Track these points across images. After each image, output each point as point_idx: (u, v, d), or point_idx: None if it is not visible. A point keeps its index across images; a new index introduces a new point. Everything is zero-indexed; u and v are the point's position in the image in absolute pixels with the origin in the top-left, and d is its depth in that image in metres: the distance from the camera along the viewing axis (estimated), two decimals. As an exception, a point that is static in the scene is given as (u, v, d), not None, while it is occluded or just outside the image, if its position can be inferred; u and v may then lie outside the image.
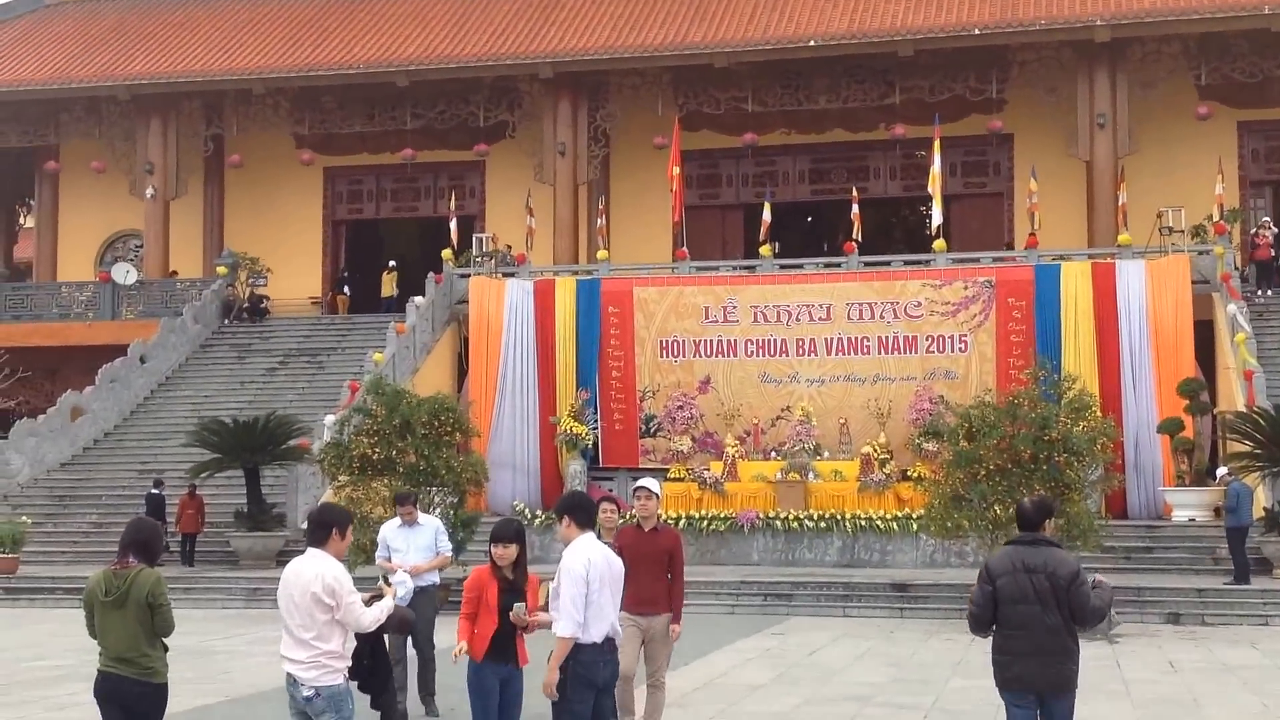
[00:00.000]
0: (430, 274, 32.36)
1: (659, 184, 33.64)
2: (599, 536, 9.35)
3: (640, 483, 9.88)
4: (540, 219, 33.92)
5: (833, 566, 24.09)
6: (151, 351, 33.27)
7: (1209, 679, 14.05)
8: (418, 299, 32.01)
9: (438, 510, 21.31)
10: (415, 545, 11.95)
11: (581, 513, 7.83)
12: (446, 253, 33.01)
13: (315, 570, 6.91)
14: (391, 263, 36.86)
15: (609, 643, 7.61)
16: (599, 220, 33.97)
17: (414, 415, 22.57)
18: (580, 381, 29.22)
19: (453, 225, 33.76)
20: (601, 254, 32.10)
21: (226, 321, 35.85)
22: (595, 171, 35.67)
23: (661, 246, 34.71)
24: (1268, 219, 32.96)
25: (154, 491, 25.82)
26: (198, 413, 29.99)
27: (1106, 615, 8.12)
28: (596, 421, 28.94)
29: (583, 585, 7.46)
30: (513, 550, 7.96)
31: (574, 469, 28.08)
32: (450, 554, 12.43)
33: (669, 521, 19.51)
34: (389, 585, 7.89)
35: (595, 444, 28.85)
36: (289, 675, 6.95)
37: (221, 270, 36.42)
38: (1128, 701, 12.52)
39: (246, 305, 36.06)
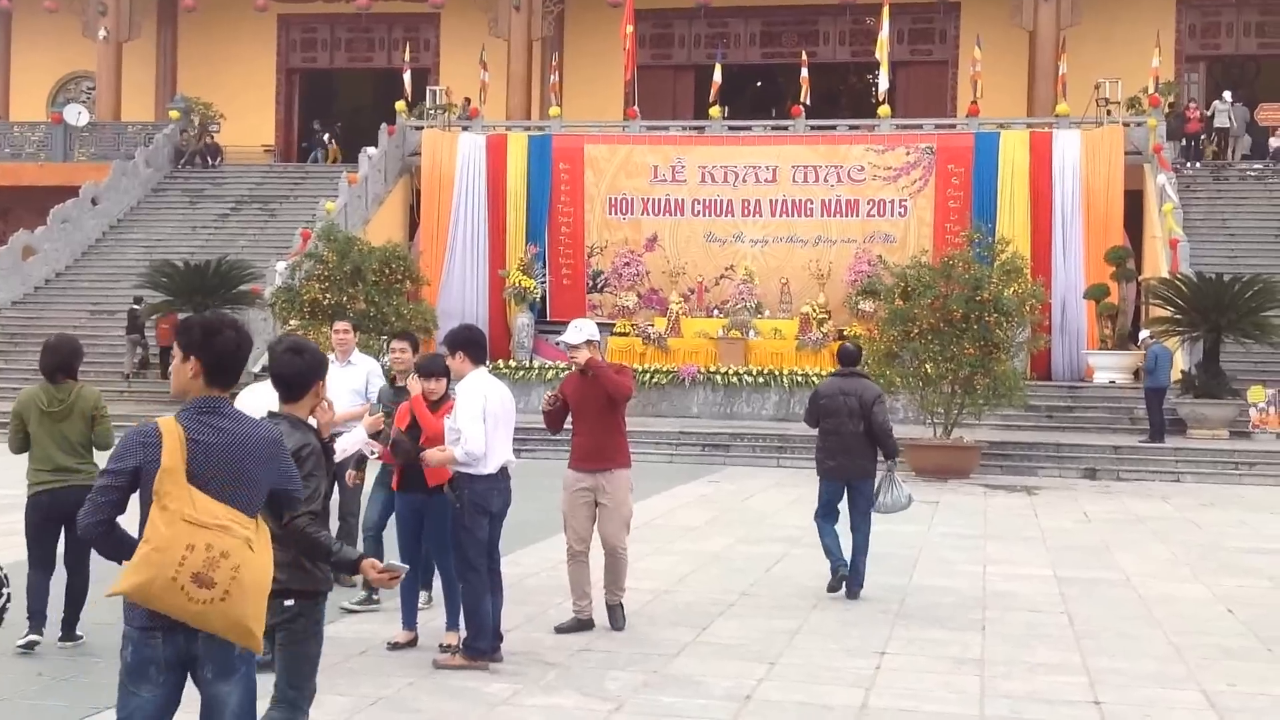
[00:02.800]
0: (383, 125, 32.45)
1: (612, 42, 33.70)
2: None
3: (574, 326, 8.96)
4: (494, 74, 33.95)
5: (769, 420, 24.88)
6: (103, 194, 33.29)
7: (1120, 529, 14.81)
8: (370, 149, 32.13)
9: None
10: (345, 387, 9.79)
11: (474, 348, 7.95)
12: (400, 104, 33.04)
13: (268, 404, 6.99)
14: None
15: (503, 472, 7.95)
16: (552, 77, 34.04)
17: (365, 262, 23.01)
18: (530, 236, 29.69)
19: (406, 77, 33.68)
20: (554, 111, 32.23)
21: (179, 166, 35.81)
22: (550, 28, 35.59)
23: (613, 105, 34.92)
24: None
25: (134, 308, 27.39)
26: (149, 256, 30.17)
27: (895, 446, 10.49)
28: (545, 276, 29.49)
29: (480, 419, 7.66)
30: (441, 385, 8.20)
31: (521, 322, 28.71)
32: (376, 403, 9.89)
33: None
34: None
35: (543, 298, 29.46)
36: None
37: (174, 115, 36.23)
38: (1042, 547, 13.29)
39: (199, 150, 35.99)
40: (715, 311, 28.27)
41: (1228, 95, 31.24)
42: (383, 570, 4.80)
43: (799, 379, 24.96)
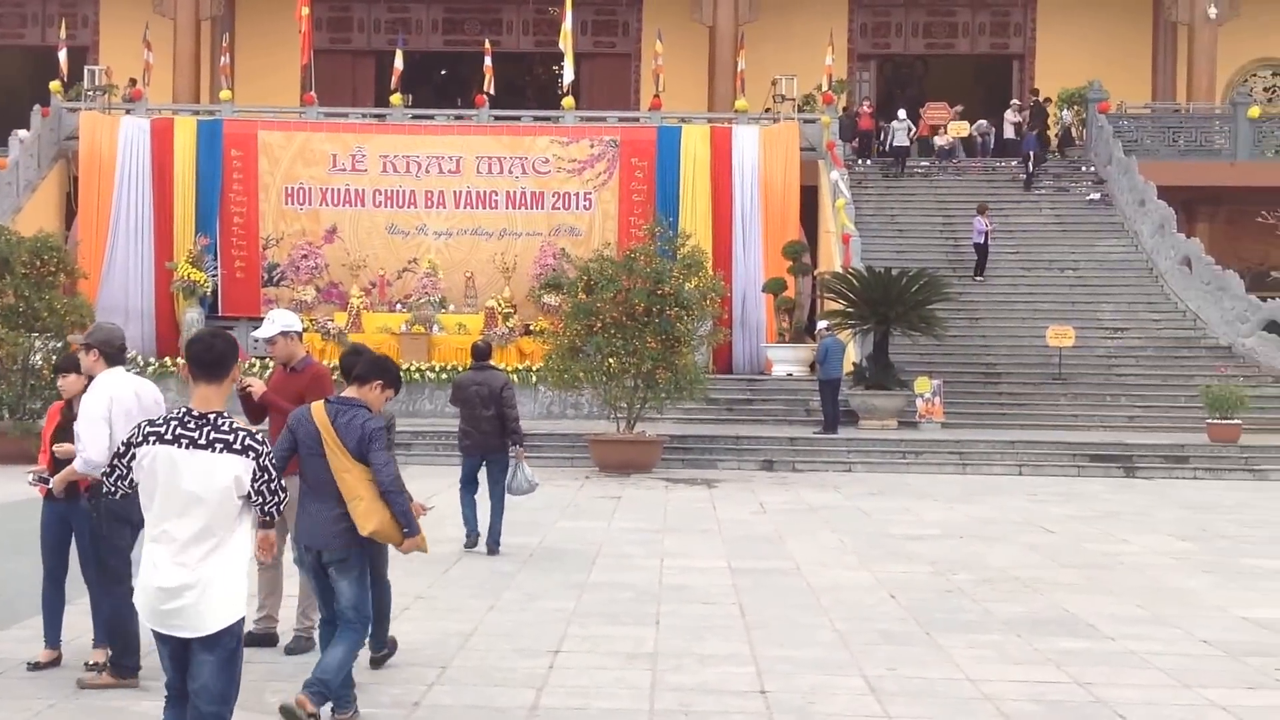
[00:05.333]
0: (36, 106, 30.18)
1: (288, 24, 32.46)
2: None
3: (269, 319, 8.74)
4: (159, 55, 32.11)
5: (453, 417, 24.34)
6: None
7: (794, 519, 15.10)
8: (21, 132, 29.87)
9: (39, 356, 20.31)
10: None
11: (108, 346, 7.48)
12: (55, 85, 30.85)
13: None
14: None
15: None
16: (223, 59, 32.51)
17: (13, 254, 21.27)
18: (199, 226, 28.22)
19: (62, 56, 31.61)
20: (225, 94, 30.83)
21: None
22: (220, 7, 33.99)
23: (289, 90, 33.60)
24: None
25: None
26: None
27: (519, 430, 12.18)
28: (216, 269, 28.07)
29: (102, 424, 7.09)
30: (79, 381, 7.56)
31: (191, 317, 27.20)
32: None
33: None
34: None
35: (215, 292, 28.02)
36: None
37: None
38: (719, 539, 13.37)
39: None
40: (398, 306, 27.53)
41: (902, 113, 32.48)
42: None
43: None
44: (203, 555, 4.89)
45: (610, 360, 20.15)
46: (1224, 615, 9.75)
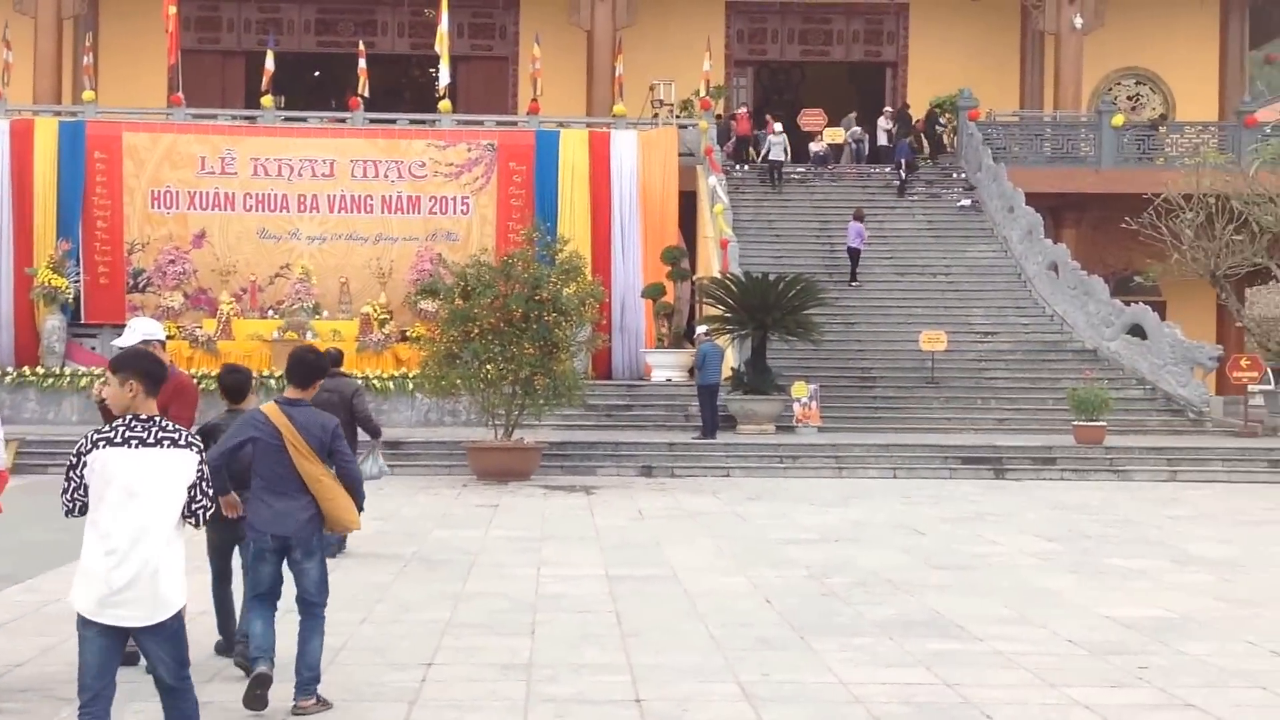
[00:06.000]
0: (-117, 107, 29.08)
1: (154, 23, 31.69)
2: None
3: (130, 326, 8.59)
4: (19, 54, 31.15)
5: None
6: None
7: (673, 525, 15.11)
8: None
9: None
10: None
11: None
12: (-97, 84, 29.76)
13: None
14: None
15: None
16: (86, 58, 31.60)
17: None
18: (61, 231, 27.31)
19: (-89, 54, 30.42)
20: (88, 95, 30.03)
21: None
22: (83, 5, 33.07)
23: (155, 91, 32.80)
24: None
25: None
26: None
27: (377, 428, 12.98)
28: (79, 274, 27.25)
29: None
30: None
31: (52, 324, 26.39)
32: None
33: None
34: None
35: (77, 298, 27.20)
36: None
37: None
38: (597, 546, 13.30)
39: None
40: (270, 312, 27.01)
41: (778, 127, 32.75)
42: None
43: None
44: (154, 547, 5.21)
45: (488, 367, 19.97)
46: (1088, 614, 9.94)
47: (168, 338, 26.75)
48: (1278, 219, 27.37)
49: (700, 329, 24.56)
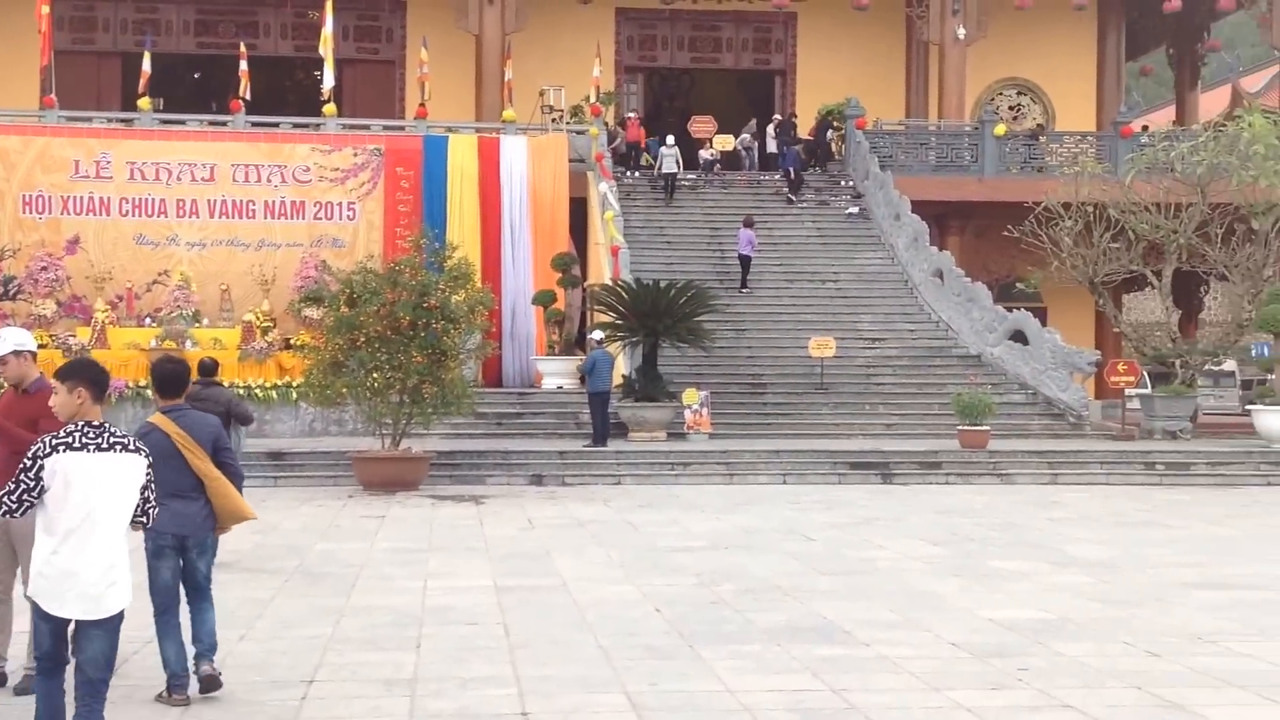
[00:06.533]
0: None
1: (26, 22, 30.81)
2: None
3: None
4: (-119, 52, 30.09)
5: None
6: None
7: (563, 533, 14.97)
8: None
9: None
10: None
11: None
12: None
13: None
14: None
15: None
16: (-46, 58, 30.65)
17: None
18: (-72, 237, 26.48)
19: None
20: (-44, 96, 29.05)
21: None
22: (-50, 3, 32.04)
23: (27, 93, 31.89)
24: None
25: None
26: None
27: (249, 415, 13.86)
28: (-53, 281, 26.39)
29: None
30: None
31: (-84, 333, 25.44)
32: None
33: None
34: None
35: (-56, 306, 26.34)
36: None
37: None
38: (485, 557, 13.10)
39: None
40: (148, 320, 26.37)
41: (671, 139, 32.70)
42: None
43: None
44: (109, 546, 5.67)
45: (374, 375, 19.65)
46: (971, 617, 10.03)
47: (40, 347, 26.05)
48: (1153, 227, 28.05)
49: (594, 335, 24.44)
